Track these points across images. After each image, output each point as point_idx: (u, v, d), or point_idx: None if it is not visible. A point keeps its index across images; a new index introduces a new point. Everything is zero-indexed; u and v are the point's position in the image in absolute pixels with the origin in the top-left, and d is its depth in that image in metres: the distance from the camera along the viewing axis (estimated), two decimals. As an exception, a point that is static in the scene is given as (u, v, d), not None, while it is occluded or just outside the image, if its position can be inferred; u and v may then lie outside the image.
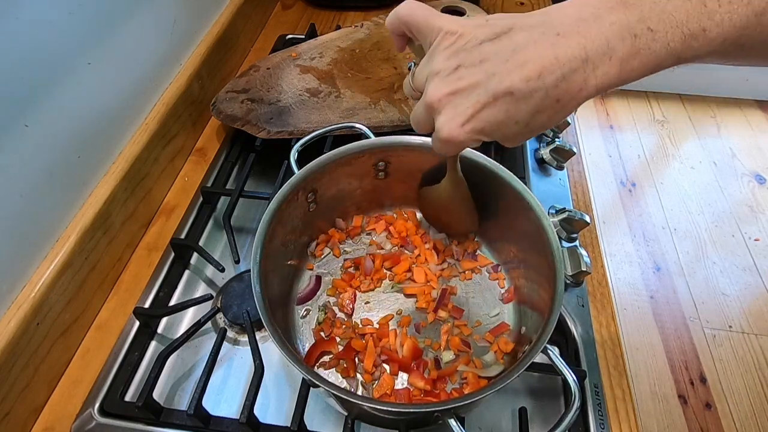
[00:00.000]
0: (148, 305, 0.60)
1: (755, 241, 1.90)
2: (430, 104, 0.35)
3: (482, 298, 0.59)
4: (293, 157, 0.59)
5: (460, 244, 0.63)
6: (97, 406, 0.52)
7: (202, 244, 0.67)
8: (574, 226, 0.64)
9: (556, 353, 0.43)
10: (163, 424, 0.51)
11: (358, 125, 0.63)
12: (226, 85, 0.81)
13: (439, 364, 0.54)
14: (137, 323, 0.58)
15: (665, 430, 1.44)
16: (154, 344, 0.58)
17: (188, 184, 0.75)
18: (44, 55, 0.51)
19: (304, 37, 0.96)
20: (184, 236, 0.67)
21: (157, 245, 0.67)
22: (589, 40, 0.29)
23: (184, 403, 0.53)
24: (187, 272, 0.65)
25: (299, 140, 0.60)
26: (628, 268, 1.82)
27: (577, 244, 0.65)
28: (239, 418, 0.48)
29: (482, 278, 0.61)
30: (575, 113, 1.12)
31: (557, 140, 0.76)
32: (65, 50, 0.54)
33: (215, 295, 0.61)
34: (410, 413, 0.45)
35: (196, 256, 0.66)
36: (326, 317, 0.57)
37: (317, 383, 0.41)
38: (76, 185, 0.58)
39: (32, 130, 0.50)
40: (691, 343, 1.62)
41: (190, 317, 0.60)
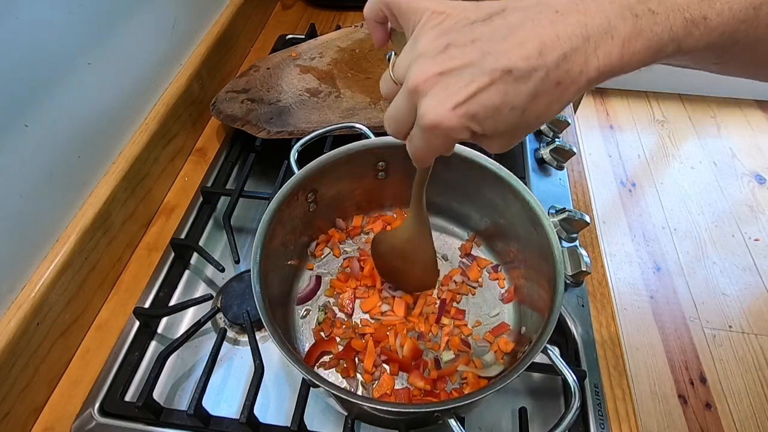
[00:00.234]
0: (148, 305, 0.60)
1: (755, 241, 1.90)
2: (413, 88, 0.30)
3: (482, 298, 0.59)
4: (293, 157, 0.59)
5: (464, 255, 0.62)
6: (97, 406, 0.52)
7: (202, 244, 0.67)
8: (574, 226, 0.64)
9: (556, 353, 0.43)
10: (163, 424, 0.51)
11: (358, 125, 0.63)
12: (226, 85, 0.81)
13: (439, 364, 0.54)
14: (137, 323, 0.58)
15: (665, 430, 1.44)
16: (154, 344, 0.58)
17: (188, 184, 0.75)
18: (44, 55, 0.51)
19: (304, 37, 0.96)
20: (184, 236, 0.67)
21: (157, 245, 0.67)
22: (589, 17, 0.27)
23: (184, 403, 0.53)
24: (187, 272, 0.65)
25: (299, 140, 0.60)
26: (628, 268, 1.82)
27: (577, 244, 0.65)
28: (239, 418, 0.48)
29: (482, 278, 0.61)
30: (575, 113, 1.12)
31: (557, 140, 0.76)
32: (65, 50, 0.54)
33: (215, 295, 0.61)
34: (410, 413, 0.45)
35: (196, 256, 0.66)
36: (326, 317, 0.57)
37: (317, 383, 0.41)
38: (76, 185, 0.58)
39: (32, 130, 0.50)
40: (691, 343, 1.62)
41: (190, 317, 0.60)
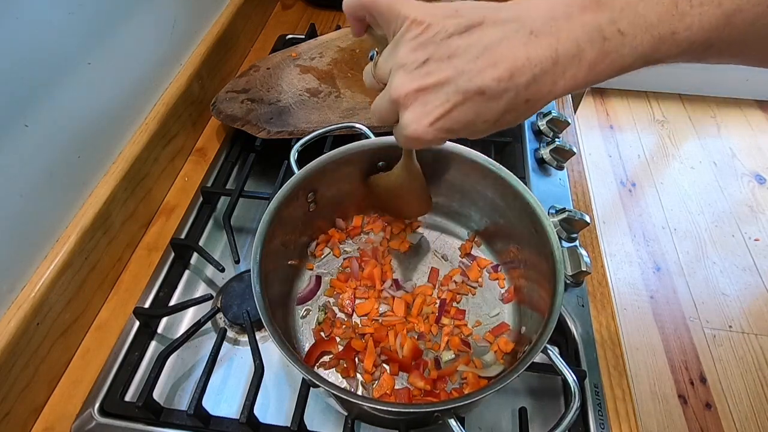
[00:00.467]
0: (148, 305, 0.60)
1: (755, 241, 1.90)
2: (395, 99, 0.33)
3: (482, 298, 0.59)
4: (293, 157, 0.59)
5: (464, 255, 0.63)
6: (97, 406, 0.52)
7: (202, 244, 0.67)
8: (574, 226, 0.64)
9: (556, 353, 0.43)
10: (163, 424, 0.51)
11: (358, 125, 0.63)
12: (226, 85, 0.81)
13: (439, 364, 0.54)
14: (137, 323, 0.58)
15: (665, 430, 1.44)
16: (154, 344, 0.58)
17: (188, 184, 0.75)
18: (44, 55, 0.51)
19: (304, 37, 0.96)
20: (184, 236, 0.67)
21: (157, 245, 0.67)
22: (560, 41, 0.29)
23: (184, 403, 0.53)
24: (187, 272, 0.65)
25: (299, 140, 0.60)
26: (628, 268, 1.82)
27: (577, 244, 0.65)
28: (239, 418, 0.48)
29: (482, 278, 0.61)
30: (575, 113, 1.12)
31: (557, 140, 0.76)
32: (65, 50, 0.54)
33: (215, 295, 0.61)
34: (410, 413, 0.45)
35: (196, 256, 0.66)
36: (326, 317, 0.57)
37: (317, 383, 0.41)
38: (76, 185, 0.58)
39: (32, 130, 0.50)
40: (691, 343, 1.62)
41: (190, 317, 0.60)
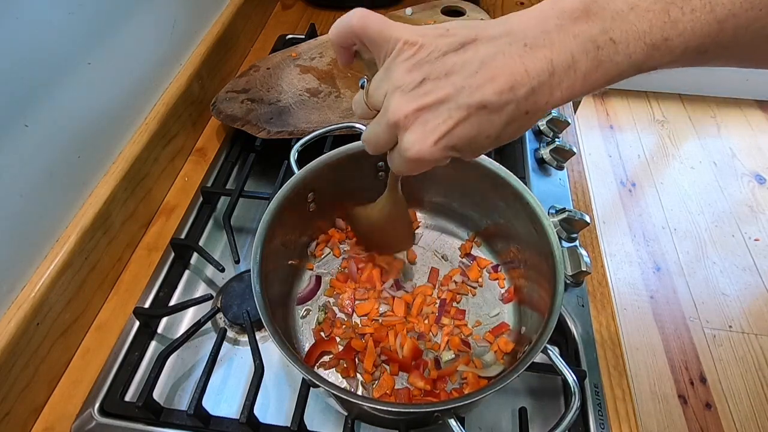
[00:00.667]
0: (148, 305, 0.60)
1: (755, 241, 1.90)
2: (395, 122, 0.32)
3: (482, 298, 0.59)
4: (293, 157, 0.59)
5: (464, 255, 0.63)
6: (97, 406, 0.52)
7: (202, 244, 0.67)
8: (574, 226, 0.64)
9: (556, 353, 0.43)
10: (163, 424, 0.51)
11: (358, 125, 0.63)
12: (226, 85, 0.82)
13: (439, 364, 0.54)
14: (137, 323, 0.58)
15: (665, 430, 1.44)
16: (154, 344, 0.58)
17: (188, 184, 0.75)
18: (44, 55, 0.51)
19: (304, 37, 0.96)
20: (184, 236, 0.67)
21: (157, 245, 0.67)
22: (555, 53, 0.29)
23: (184, 403, 0.53)
24: (187, 272, 0.65)
25: (299, 140, 0.60)
26: (628, 268, 1.82)
27: (577, 244, 0.65)
28: (239, 418, 0.48)
29: (482, 278, 0.61)
30: (575, 113, 1.12)
31: (557, 140, 0.76)
32: (65, 50, 0.54)
33: (215, 295, 0.61)
34: (410, 413, 0.45)
35: (196, 256, 0.66)
36: (326, 317, 0.57)
37: (317, 383, 0.41)
38: (76, 185, 0.58)
39: (32, 130, 0.50)
40: (691, 343, 1.62)
41: (190, 317, 0.60)
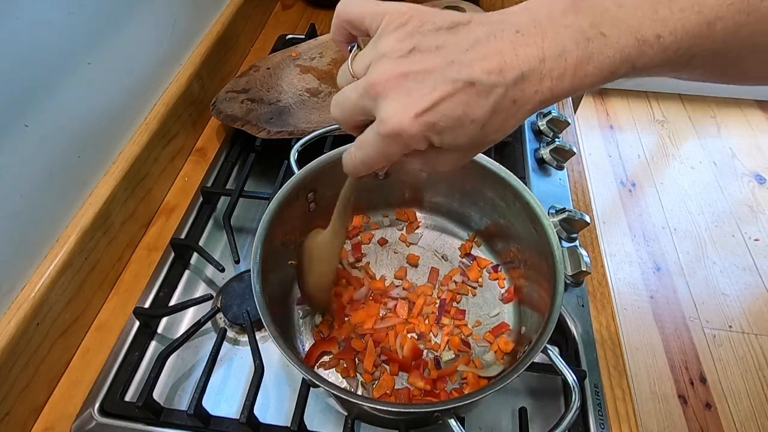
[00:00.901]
0: (148, 305, 0.60)
1: (755, 241, 1.90)
2: (371, 85, 0.29)
3: (482, 298, 0.59)
4: (293, 157, 0.59)
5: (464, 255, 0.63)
6: (97, 406, 0.52)
7: (202, 244, 0.67)
8: (574, 226, 0.64)
9: (556, 353, 0.43)
10: (163, 424, 0.51)
11: (358, 125, 0.63)
12: (226, 85, 0.81)
13: (439, 364, 0.54)
14: (137, 323, 0.58)
15: (665, 430, 1.44)
16: (154, 344, 0.58)
17: (188, 184, 0.75)
18: (44, 55, 0.51)
19: (304, 37, 0.96)
20: (184, 236, 0.67)
21: (157, 245, 0.67)
22: (545, 40, 0.28)
23: (184, 403, 0.53)
24: (187, 272, 0.65)
25: (299, 140, 0.60)
26: (628, 268, 1.82)
27: (577, 244, 0.65)
28: (239, 418, 0.48)
29: (482, 278, 0.61)
30: (575, 113, 1.12)
31: (557, 140, 0.76)
32: (65, 50, 0.53)
33: (215, 295, 0.61)
34: (410, 413, 0.45)
35: (196, 256, 0.66)
36: (324, 318, 0.57)
37: (317, 383, 0.41)
38: (76, 185, 0.58)
39: (32, 130, 0.50)
40: (691, 343, 1.62)
41: (190, 317, 0.60)
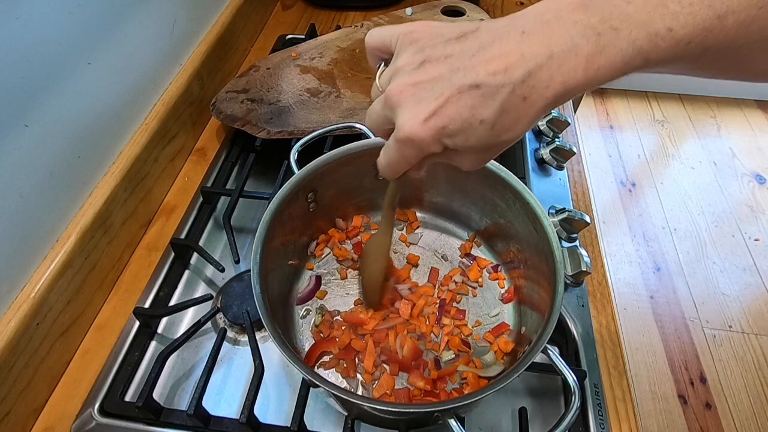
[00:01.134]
0: (148, 305, 0.60)
1: (755, 241, 1.90)
2: (389, 97, 0.33)
3: (482, 298, 0.59)
4: (293, 157, 0.59)
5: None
6: (97, 406, 0.52)
7: (202, 244, 0.67)
8: (574, 226, 0.64)
9: (556, 353, 0.43)
10: (163, 424, 0.51)
11: (358, 125, 0.63)
12: (226, 85, 0.81)
13: (439, 364, 0.54)
14: (137, 323, 0.58)
15: (665, 430, 1.44)
16: (154, 344, 0.58)
17: (188, 184, 0.75)
18: (44, 55, 0.51)
19: (304, 37, 0.96)
20: (184, 236, 0.67)
21: (157, 245, 0.67)
22: (553, 38, 0.29)
23: (184, 403, 0.53)
24: (187, 272, 0.65)
25: (299, 140, 0.60)
26: (628, 268, 1.82)
27: (577, 244, 0.65)
28: (239, 418, 0.48)
29: (482, 278, 0.61)
30: (575, 113, 1.12)
31: (557, 140, 0.76)
32: (65, 50, 0.54)
33: (215, 295, 0.61)
34: (410, 413, 0.45)
35: (196, 256, 0.66)
36: (323, 319, 0.57)
37: (317, 383, 0.41)
38: (76, 185, 0.58)
39: (32, 130, 0.50)
40: (691, 343, 1.62)
41: (190, 317, 0.60)
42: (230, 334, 0.58)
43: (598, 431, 0.51)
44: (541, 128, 0.79)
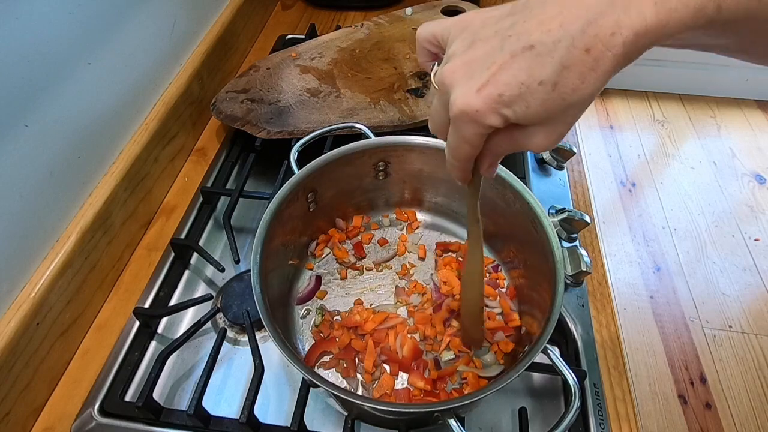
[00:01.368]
0: (148, 305, 0.60)
1: (755, 241, 1.90)
2: (442, 83, 0.31)
3: (482, 298, 0.59)
4: (293, 157, 0.59)
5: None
6: (97, 406, 0.52)
7: (202, 244, 0.67)
8: (574, 226, 0.64)
9: (556, 353, 0.43)
10: (163, 424, 0.51)
11: (358, 125, 0.63)
12: (226, 85, 0.81)
13: (438, 364, 0.54)
14: (137, 323, 0.58)
15: (665, 430, 1.44)
16: (154, 344, 0.58)
17: (188, 184, 0.75)
18: (44, 55, 0.51)
19: (304, 37, 0.96)
20: (184, 236, 0.67)
21: (157, 245, 0.67)
22: None
23: (184, 403, 0.53)
24: (187, 272, 0.65)
25: (299, 140, 0.60)
26: (628, 268, 1.81)
27: (577, 244, 0.65)
28: (239, 418, 0.48)
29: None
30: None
31: (557, 140, 0.76)
32: (65, 50, 0.54)
33: (215, 295, 0.61)
34: (410, 413, 0.45)
35: (196, 256, 0.66)
36: (323, 319, 0.57)
37: (317, 383, 0.41)
38: (76, 185, 0.58)
39: (32, 130, 0.50)
40: (691, 343, 1.62)
41: (190, 317, 0.60)
42: (230, 334, 0.58)
43: (598, 431, 0.51)
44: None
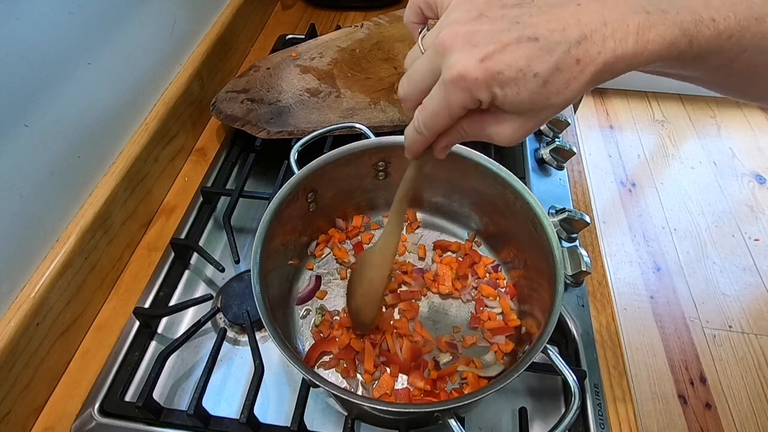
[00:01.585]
0: (148, 305, 0.60)
1: (755, 241, 1.90)
2: (441, 43, 0.31)
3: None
4: (293, 157, 0.59)
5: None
6: (97, 406, 0.52)
7: (202, 244, 0.67)
8: (574, 226, 0.64)
9: (556, 353, 0.43)
10: (163, 424, 0.51)
11: (358, 125, 0.63)
12: (226, 85, 0.81)
13: (438, 364, 0.54)
14: (137, 323, 0.58)
15: (665, 430, 1.44)
16: (154, 344, 0.58)
17: (188, 184, 0.75)
18: (44, 55, 0.51)
19: (304, 37, 0.96)
20: (184, 236, 0.67)
21: (157, 245, 0.67)
22: (606, 10, 0.30)
23: (184, 403, 0.53)
24: (187, 272, 0.65)
25: (299, 140, 0.60)
26: (628, 268, 1.82)
27: (577, 244, 0.65)
28: (239, 418, 0.48)
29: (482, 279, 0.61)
30: (575, 113, 1.12)
31: (557, 140, 0.76)
32: (65, 50, 0.53)
33: (215, 295, 0.61)
34: (410, 413, 0.45)
35: (196, 256, 0.66)
36: (323, 319, 0.57)
37: (317, 383, 0.41)
38: (76, 185, 0.58)
39: (32, 130, 0.50)
40: (691, 343, 1.62)
41: (190, 317, 0.60)
42: (230, 334, 0.58)
43: (598, 431, 0.51)
44: (540, 128, 0.79)
